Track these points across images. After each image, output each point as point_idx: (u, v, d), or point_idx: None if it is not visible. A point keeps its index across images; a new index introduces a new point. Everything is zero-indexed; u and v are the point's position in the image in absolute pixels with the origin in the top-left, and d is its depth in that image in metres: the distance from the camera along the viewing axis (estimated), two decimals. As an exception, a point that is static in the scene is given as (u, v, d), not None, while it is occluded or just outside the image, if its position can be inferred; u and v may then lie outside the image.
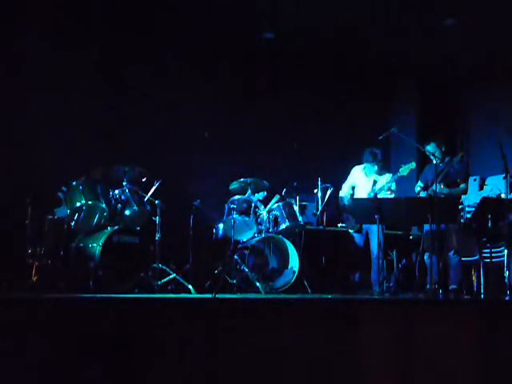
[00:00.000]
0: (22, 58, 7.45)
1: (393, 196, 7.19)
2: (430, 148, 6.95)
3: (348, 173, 7.65)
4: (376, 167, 7.37)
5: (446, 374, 4.47)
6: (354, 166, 7.62)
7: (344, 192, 7.54)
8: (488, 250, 6.72)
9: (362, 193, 7.34)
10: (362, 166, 7.52)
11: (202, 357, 4.09)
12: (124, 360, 3.97)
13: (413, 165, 6.91)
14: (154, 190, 7.01)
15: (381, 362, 4.38)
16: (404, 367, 4.43)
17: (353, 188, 7.50)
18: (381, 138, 7.09)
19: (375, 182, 7.31)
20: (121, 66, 8.02)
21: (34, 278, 6.18)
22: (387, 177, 7.26)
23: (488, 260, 6.76)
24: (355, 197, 7.39)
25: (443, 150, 6.98)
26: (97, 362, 3.89)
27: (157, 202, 6.89)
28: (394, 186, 7.25)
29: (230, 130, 8.52)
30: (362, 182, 7.48)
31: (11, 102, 7.27)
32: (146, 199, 6.97)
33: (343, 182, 7.68)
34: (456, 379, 4.48)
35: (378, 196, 7.11)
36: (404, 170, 6.95)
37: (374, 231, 6.94)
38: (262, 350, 4.20)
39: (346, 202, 7.42)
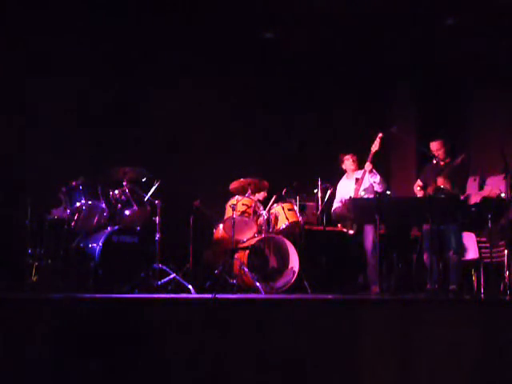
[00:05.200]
0: (21, 58, 7.45)
1: (378, 180, 7.16)
2: (435, 145, 6.82)
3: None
4: (353, 167, 7.41)
5: (445, 374, 4.47)
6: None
7: (335, 206, 7.50)
8: (488, 250, 6.72)
9: (348, 194, 7.28)
10: (343, 177, 7.55)
11: (202, 357, 4.09)
12: (124, 360, 3.97)
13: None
14: (154, 190, 7.01)
15: (381, 361, 4.38)
16: (404, 367, 4.43)
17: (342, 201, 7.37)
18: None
19: (357, 180, 7.28)
20: (121, 67, 8.02)
21: (34, 278, 6.19)
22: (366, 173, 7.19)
23: (488, 260, 6.76)
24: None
25: (448, 150, 6.92)
26: (97, 362, 3.90)
27: (157, 202, 6.89)
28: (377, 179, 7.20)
29: (230, 130, 8.51)
30: (346, 186, 7.42)
31: (11, 101, 7.28)
32: (146, 199, 6.98)
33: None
34: (456, 379, 4.48)
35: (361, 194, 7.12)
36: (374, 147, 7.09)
37: (367, 231, 6.95)
38: (262, 349, 4.20)
39: (338, 210, 7.34)
